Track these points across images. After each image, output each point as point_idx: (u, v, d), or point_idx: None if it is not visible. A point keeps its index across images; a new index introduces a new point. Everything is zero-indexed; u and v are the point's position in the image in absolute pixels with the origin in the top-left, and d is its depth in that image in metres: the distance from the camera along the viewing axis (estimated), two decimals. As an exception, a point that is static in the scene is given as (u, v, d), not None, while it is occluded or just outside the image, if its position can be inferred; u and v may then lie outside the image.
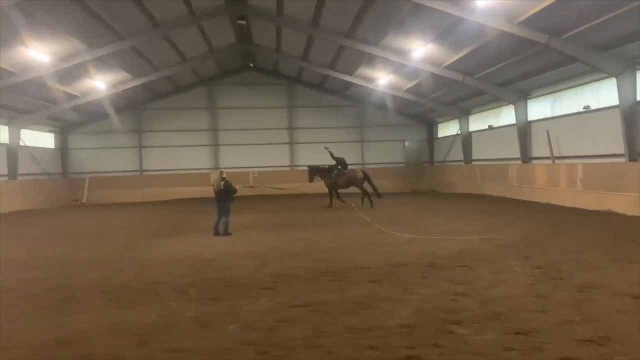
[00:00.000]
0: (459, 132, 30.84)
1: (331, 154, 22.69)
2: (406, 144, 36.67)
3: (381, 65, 24.87)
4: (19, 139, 27.54)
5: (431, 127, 36.40)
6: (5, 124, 26.75)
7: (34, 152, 29.52)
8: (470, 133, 30.23)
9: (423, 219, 16.44)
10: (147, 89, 31.30)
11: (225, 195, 13.65)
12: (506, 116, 26.10)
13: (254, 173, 34.00)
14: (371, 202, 21.34)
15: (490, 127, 27.86)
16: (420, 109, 33.50)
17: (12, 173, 26.90)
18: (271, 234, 13.84)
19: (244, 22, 23.27)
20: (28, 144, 28.74)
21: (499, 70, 21.36)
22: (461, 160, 30.88)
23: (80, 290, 7.66)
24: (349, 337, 5.19)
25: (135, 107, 33.77)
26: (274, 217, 18.37)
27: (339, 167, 22.45)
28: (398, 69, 24.79)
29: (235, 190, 13.90)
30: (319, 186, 23.99)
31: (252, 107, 34.92)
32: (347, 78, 28.88)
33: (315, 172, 22.77)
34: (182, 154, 34.50)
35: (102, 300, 7.02)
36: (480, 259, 9.16)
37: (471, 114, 30.00)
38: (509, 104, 24.48)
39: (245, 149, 34.96)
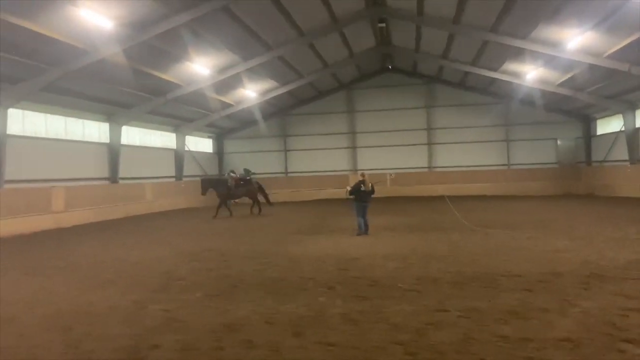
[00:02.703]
0: (623, 129, 27.47)
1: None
2: (558, 142, 33.67)
3: (530, 58, 23.18)
4: (184, 144, 31.13)
5: (588, 124, 32.89)
6: (173, 131, 30.50)
7: (196, 156, 33.09)
8: (637, 129, 26.70)
9: (580, 224, 14.97)
10: (292, 96, 33.16)
11: (370, 195, 13.96)
12: (685, 109, 22.59)
13: (390, 174, 34.05)
14: (260, 209, 22.34)
15: (664, 122, 24.36)
16: (575, 104, 30.49)
17: (179, 175, 30.50)
18: (412, 235, 13.73)
19: (383, 25, 23.44)
20: (191, 148, 32.31)
21: (676, 57, 18.61)
22: (626, 160, 27.43)
23: (239, 281, 8.39)
24: (502, 346, 4.97)
25: (280, 113, 36.00)
26: (413, 219, 18.16)
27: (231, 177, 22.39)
28: (549, 61, 22.90)
29: (374, 191, 14.17)
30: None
31: (390, 108, 35.04)
32: (491, 74, 27.44)
33: (209, 184, 22.28)
34: (323, 157, 35.90)
35: (258, 291, 7.61)
36: (654, 271, 8.09)
37: (639, 108, 26.52)
38: (688, 94, 21.18)
39: (383, 150, 35.18)
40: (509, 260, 9.49)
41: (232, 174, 22.73)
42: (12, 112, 18.71)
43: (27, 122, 20.30)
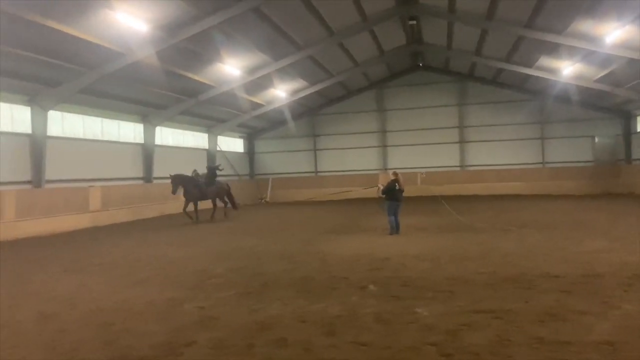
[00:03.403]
0: (665, 125, 26.44)
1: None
2: (596, 140, 32.60)
3: (566, 54, 22.56)
4: (217, 144, 31.59)
5: (628, 120, 31.67)
6: (205, 132, 31.00)
7: (228, 156, 33.52)
8: (681, 125, 25.67)
9: (620, 224, 14.49)
10: (321, 96, 33.24)
11: (402, 194, 13.87)
12: None
13: (422, 173, 33.68)
14: (225, 213, 21.12)
15: None
16: (614, 100, 29.50)
17: (211, 174, 30.94)
18: (443, 235, 13.56)
19: (414, 22, 23.22)
20: (223, 148, 32.76)
21: None
22: (669, 158, 26.41)
23: (271, 280, 8.46)
24: (539, 349, 4.85)
25: (310, 112, 36.13)
26: (444, 219, 17.88)
27: (201, 176, 20.31)
28: (586, 56, 22.24)
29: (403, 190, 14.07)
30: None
31: (421, 107, 34.69)
32: (526, 70, 26.85)
33: (180, 182, 19.40)
34: (352, 156, 35.85)
35: (290, 290, 7.65)
36: (700, 274, 7.76)
37: (682, 103, 25.47)
38: None
39: (414, 149, 34.87)
40: (545, 261, 9.27)
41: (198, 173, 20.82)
42: (51, 114, 19.38)
43: (66, 124, 20.98)
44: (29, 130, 18.59)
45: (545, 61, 24.91)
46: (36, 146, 18.56)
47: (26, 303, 7.39)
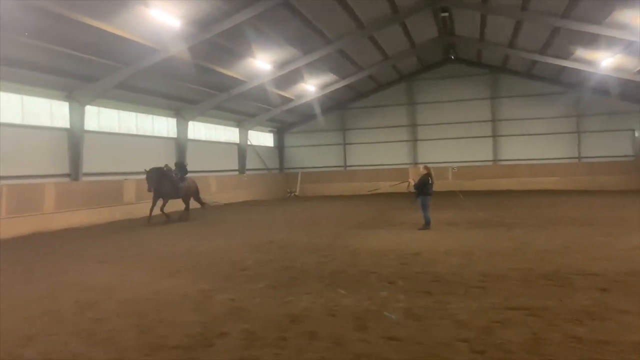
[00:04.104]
0: None
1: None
2: (636, 134, 31.46)
3: (605, 44, 21.78)
4: (247, 139, 31.88)
5: (671, 114, 30.54)
6: (236, 126, 31.32)
7: (258, 150, 33.81)
8: None
9: (662, 221, 13.98)
10: (351, 89, 33.08)
11: (432, 188, 13.72)
12: None
13: (453, 168, 33.22)
14: (188, 214, 19.46)
15: None
16: (656, 93, 28.41)
17: (242, 168, 31.31)
18: (475, 230, 13.35)
19: (446, 14, 22.84)
20: (253, 143, 33.05)
21: None
22: None
23: (301, 273, 8.51)
24: (576, 348, 4.73)
25: (339, 106, 36.03)
26: (474, 214, 17.57)
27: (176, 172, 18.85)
28: (626, 47, 21.40)
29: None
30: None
31: (452, 100, 34.14)
32: (561, 62, 26.06)
33: (156, 178, 17.77)
34: (382, 150, 35.60)
35: (320, 284, 7.67)
36: None
37: None
38: None
39: (444, 143, 34.40)
40: (582, 258, 9.01)
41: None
42: (88, 109, 19.91)
43: (102, 119, 21.53)
44: (67, 125, 19.15)
45: (582, 53, 24.13)
46: (74, 140, 19.12)
47: (65, 292, 7.64)
